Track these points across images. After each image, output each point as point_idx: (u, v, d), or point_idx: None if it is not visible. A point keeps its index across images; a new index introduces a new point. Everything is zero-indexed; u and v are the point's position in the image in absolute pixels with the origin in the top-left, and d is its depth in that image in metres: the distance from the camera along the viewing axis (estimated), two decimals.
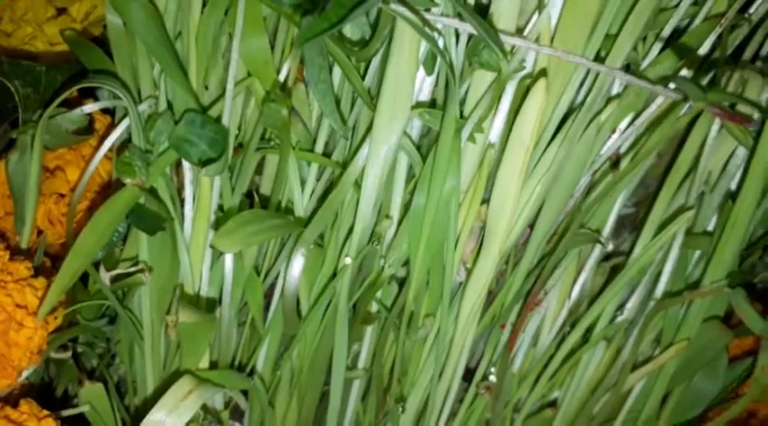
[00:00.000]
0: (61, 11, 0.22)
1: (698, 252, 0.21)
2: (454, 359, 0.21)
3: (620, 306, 0.22)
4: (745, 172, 0.19)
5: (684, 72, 0.20)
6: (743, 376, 0.23)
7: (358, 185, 0.19)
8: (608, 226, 0.21)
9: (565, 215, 0.21)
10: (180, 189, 0.19)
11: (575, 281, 0.22)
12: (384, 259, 0.20)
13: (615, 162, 0.20)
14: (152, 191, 0.17)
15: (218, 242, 0.16)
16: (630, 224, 0.25)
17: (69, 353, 0.18)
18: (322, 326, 0.20)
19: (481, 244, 0.19)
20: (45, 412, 0.15)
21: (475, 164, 0.19)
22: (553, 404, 0.22)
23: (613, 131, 0.20)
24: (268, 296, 0.20)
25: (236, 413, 0.22)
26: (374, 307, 0.21)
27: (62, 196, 0.20)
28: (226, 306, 0.19)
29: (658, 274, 0.21)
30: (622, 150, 0.21)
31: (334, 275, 0.19)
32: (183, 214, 0.18)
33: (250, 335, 0.20)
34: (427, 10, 0.17)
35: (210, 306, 0.19)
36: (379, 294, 0.20)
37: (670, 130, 0.20)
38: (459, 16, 0.17)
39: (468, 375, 0.22)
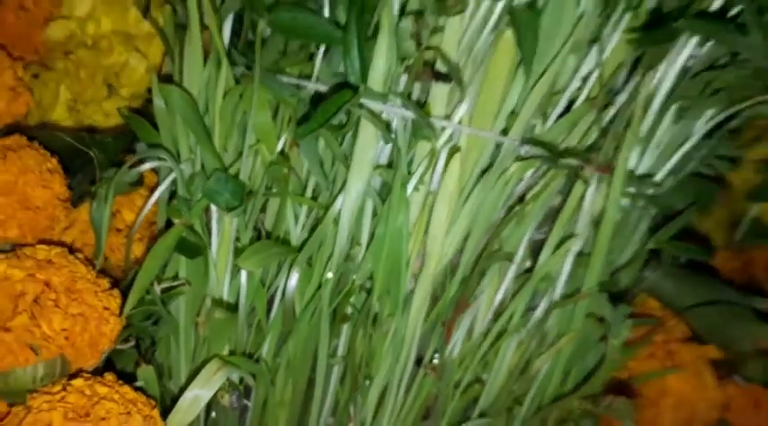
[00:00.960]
0: (110, 88, 0.29)
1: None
2: (407, 347, 0.28)
3: (533, 308, 0.30)
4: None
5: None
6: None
7: (336, 222, 0.26)
8: (521, 248, 0.29)
9: (487, 240, 0.28)
10: (208, 225, 0.26)
11: (498, 289, 0.29)
12: (355, 274, 0.27)
13: (521, 200, 0.28)
14: (191, 228, 0.25)
15: (241, 263, 0.24)
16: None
17: (132, 343, 0.25)
18: (310, 325, 0.28)
19: (423, 263, 0.27)
20: (121, 381, 0.22)
21: (419, 206, 0.26)
22: (482, 382, 0.30)
23: (520, 180, 0.28)
24: (270, 302, 0.28)
25: (246, 391, 0.29)
26: (349, 310, 0.28)
27: (119, 230, 0.27)
28: (241, 309, 0.26)
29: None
30: (531, 192, 0.29)
31: (320, 287, 0.27)
32: (211, 243, 0.26)
33: (257, 331, 0.28)
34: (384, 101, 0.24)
35: (230, 309, 0.26)
36: (352, 300, 0.28)
37: (561, 177, 0.28)
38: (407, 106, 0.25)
39: (419, 360, 0.29)
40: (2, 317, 0.20)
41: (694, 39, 0.26)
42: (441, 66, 0.25)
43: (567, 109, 0.28)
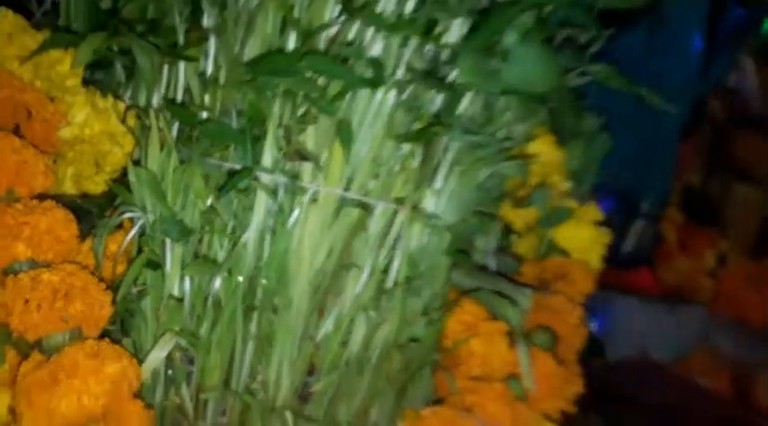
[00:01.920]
0: (99, 167, 0.45)
1: None
2: (295, 326, 0.44)
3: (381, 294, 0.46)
4: None
5: None
6: None
7: (245, 247, 0.42)
8: (368, 261, 0.45)
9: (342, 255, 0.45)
10: (164, 251, 0.42)
11: (354, 287, 0.45)
12: (260, 279, 0.43)
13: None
14: (154, 252, 0.40)
15: (186, 273, 0.39)
16: None
17: (118, 325, 0.40)
18: (231, 313, 0.43)
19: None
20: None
21: (297, 236, 0.42)
22: (346, 345, 0.46)
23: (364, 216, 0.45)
24: (206, 298, 0.43)
25: (191, 361, 0.44)
26: (257, 303, 0.44)
27: (107, 256, 0.42)
28: (186, 303, 0.42)
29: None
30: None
31: (236, 288, 0.43)
32: (166, 262, 0.41)
33: (197, 318, 0.43)
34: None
35: (179, 303, 0.42)
36: (258, 296, 0.44)
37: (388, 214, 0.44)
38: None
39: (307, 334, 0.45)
40: (46, 302, 0.35)
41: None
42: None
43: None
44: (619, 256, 1.36)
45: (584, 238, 0.55)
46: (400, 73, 0.39)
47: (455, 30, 0.40)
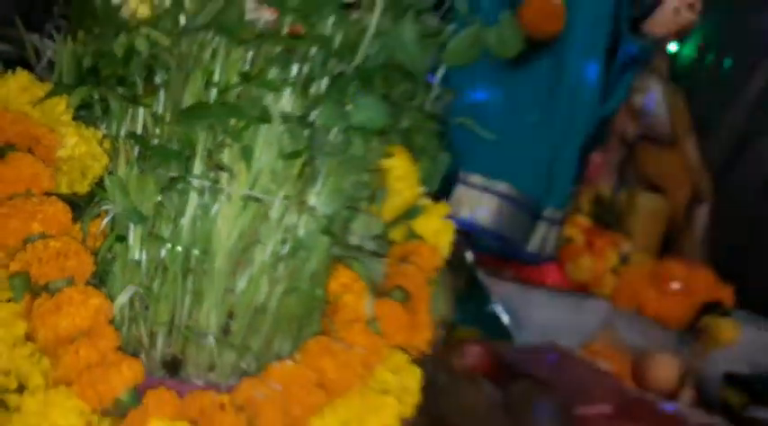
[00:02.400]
0: (84, 175, 0.66)
1: None
2: (219, 283, 0.65)
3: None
4: None
5: None
6: None
7: (181, 229, 0.63)
8: (273, 236, 0.67)
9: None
10: (128, 230, 0.62)
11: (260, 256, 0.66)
12: (193, 251, 0.64)
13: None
14: (122, 232, 0.61)
15: (144, 245, 0.60)
16: None
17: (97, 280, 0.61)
18: (174, 274, 0.64)
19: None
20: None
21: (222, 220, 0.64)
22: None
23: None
24: (156, 263, 0.64)
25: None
26: (191, 267, 0.65)
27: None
28: (143, 266, 0.63)
29: None
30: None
31: (176, 257, 0.63)
32: (129, 237, 0.62)
33: (150, 276, 0.64)
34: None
35: (139, 266, 0.63)
36: (192, 263, 0.64)
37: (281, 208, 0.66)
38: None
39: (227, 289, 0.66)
40: (52, 260, 0.55)
41: None
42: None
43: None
44: (525, 254, 1.59)
45: (433, 228, 0.76)
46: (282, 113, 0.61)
47: (321, 86, 0.62)
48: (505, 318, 1.56)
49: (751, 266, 2.20)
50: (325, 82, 0.60)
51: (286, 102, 0.59)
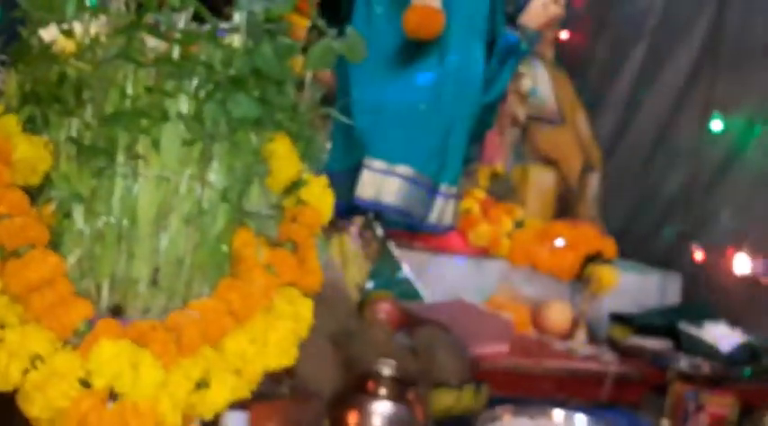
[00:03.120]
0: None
1: None
2: (144, 243, 0.86)
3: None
4: None
5: None
6: None
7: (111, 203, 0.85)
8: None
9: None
10: (73, 211, 0.84)
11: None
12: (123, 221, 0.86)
13: None
14: (68, 209, 0.82)
15: (85, 219, 0.82)
16: None
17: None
18: (110, 239, 0.85)
19: None
20: None
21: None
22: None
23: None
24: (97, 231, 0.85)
25: None
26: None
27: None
28: (86, 234, 0.84)
29: None
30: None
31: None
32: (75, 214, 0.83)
33: (93, 242, 0.85)
34: None
35: (81, 234, 0.84)
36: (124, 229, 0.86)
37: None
38: None
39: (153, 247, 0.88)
40: (17, 230, 0.76)
41: None
42: None
43: None
44: (427, 226, 1.84)
45: (315, 195, 0.99)
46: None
47: (206, 91, 0.84)
48: (416, 281, 1.81)
49: (638, 221, 2.52)
50: (209, 87, 0.83)
51: (182, 104, 0.81)
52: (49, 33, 0.85)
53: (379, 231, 1.77)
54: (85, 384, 0.74)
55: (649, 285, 2.08)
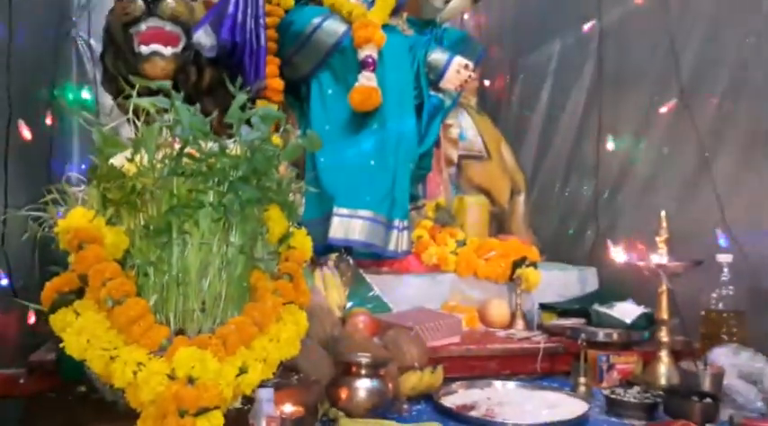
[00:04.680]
0: None
1: None
2: (193, 286, 1.34)
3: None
4: None
5: None
6: None
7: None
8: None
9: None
10: None
11: None
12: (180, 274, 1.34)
13: None
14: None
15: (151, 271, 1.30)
16: None
17: None
18: (168, 283, 1.33)
19: None
20: None
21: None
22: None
23: None
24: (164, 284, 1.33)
25: None
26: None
27: None
28: (157, 286, 1.31)
29: None
30: None
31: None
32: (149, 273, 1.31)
33: (162, 287, 1.33)
34: None
35: (155, 286, 1.32)
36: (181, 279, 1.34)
37: None
38: None
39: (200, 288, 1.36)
40: None
41: None
42: None
43: None
44: (388, 253, 2.34)
45: (299, 242, 1.48)
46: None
47: (225, 187, 1.33)
48: (384, 298, 2.30)
49: (564, 229, 3.05)
50: (226, 184, 1.32)
51: (210, 197, 1.30)
52: (117, 160, 1.33)
53: (351, 262, 2.26)
54: (171, 377, 1.21)
55: (571, 279, 2.59)
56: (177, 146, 1.24)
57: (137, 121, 1.26)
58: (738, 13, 2.19)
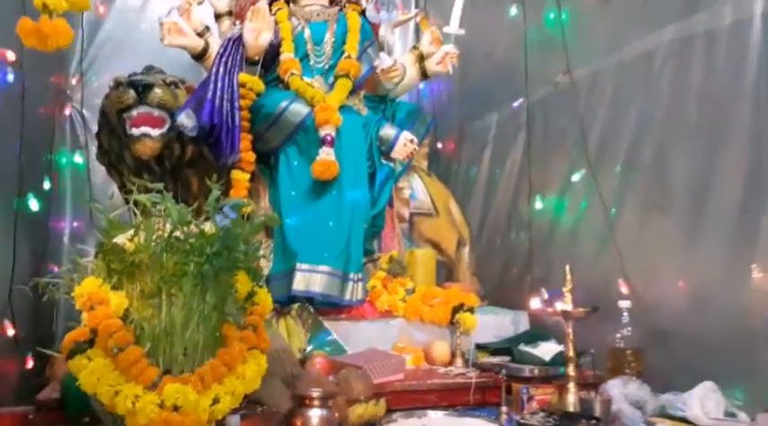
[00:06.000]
0: None
1: None
2: (178, 338, 1.73)
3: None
4: None
5: None
6: None
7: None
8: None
9: None
10: None
11: None
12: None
13: None
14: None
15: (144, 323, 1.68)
16: None
17: None
18: (162, 337, 1.72)
19: None
20: None
21: None
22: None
23: None
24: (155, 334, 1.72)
25: None
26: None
27: None
28: (150, 336, 1.70)
29: None
30: None
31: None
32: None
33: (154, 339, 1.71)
34: None
35: (149, 336, 1.70)
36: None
37: None
38: None
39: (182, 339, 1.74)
40: None
41: None
42: None
43: None
44: (345, 302, 2.74)
45: (262, 298, 1.88)
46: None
47: (203, 259, 1.74)
48: (341, 341, 2.69)
49: (506, 276, 3.46)
50: (203, 257, 1.72)
51: (191, 267, 1.70)
52: (119, 239, 1.73)
53: (312, 310, 2.66)
54: (161, 406, 1.59)
55: (505, 322, 2.98)
56: (167, 228, 1.64)
57: (135, 210, 1.67)
58: (633, 100, 2.66)
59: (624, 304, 2.54)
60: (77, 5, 1.52)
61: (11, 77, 2.40)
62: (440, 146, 3.93)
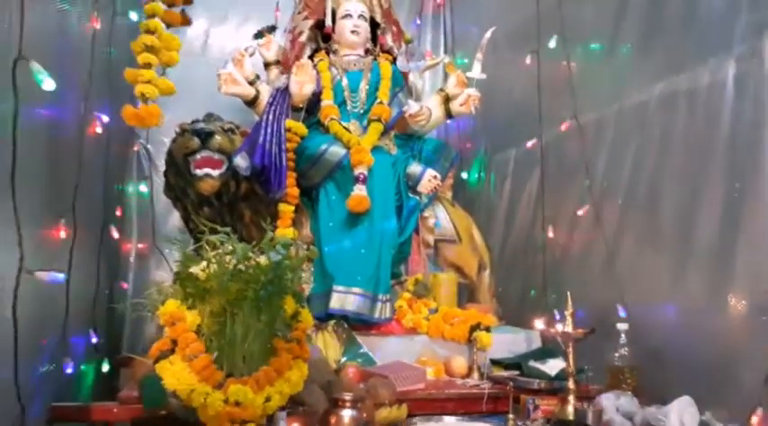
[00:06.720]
0: None
1: None
2: (239, 349, 2.15)
3: None
4: None
5: None
6: None
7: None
8: None
9: None
10: None
11: None
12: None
13: None
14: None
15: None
16: None
17: None
18: (227, 351, 2.15)
19: None
20: None
21: None
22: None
23: None
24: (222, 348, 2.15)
25: None
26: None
27: None
28: (218, 348, 2.13)
29: None
30: None
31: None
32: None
33: (221, 351, 2.15)
34: None
35: (220, 349, 2.13)
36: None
37: None
38: None
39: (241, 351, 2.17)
40: None
41: None
42: None
43: None
44: (375, 320, 3.15)
45: (305, 317, 2.30)
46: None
47: (258, 288, 2.17)
48: (371, 354, 3.09)
49: (525, 297, 3.81)
50: (259, 284, 2.15)
51: (250, 292, 2.13)
52: (193, 269, 2.17)
53: (346, 326, 3.07)
54: (225, 402, 2.02)
55: (518, 340, 3.32)
56: (232, 261, 2.08)
57: (207, 247, 2.10)
58: (630, 144, 3.01)
59: (622, 326, 2.87)
60: (166, 91, 1.97)
61: (98, 129, 2.89)
62: (465, 176, 4.32)
